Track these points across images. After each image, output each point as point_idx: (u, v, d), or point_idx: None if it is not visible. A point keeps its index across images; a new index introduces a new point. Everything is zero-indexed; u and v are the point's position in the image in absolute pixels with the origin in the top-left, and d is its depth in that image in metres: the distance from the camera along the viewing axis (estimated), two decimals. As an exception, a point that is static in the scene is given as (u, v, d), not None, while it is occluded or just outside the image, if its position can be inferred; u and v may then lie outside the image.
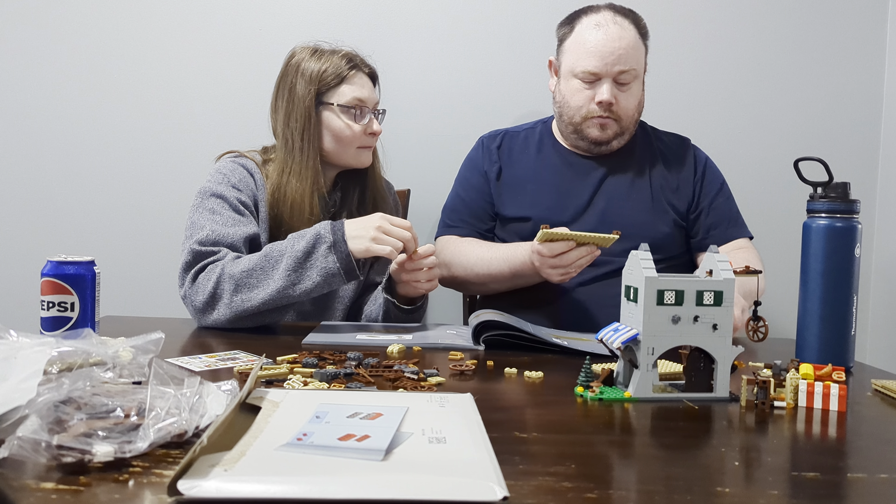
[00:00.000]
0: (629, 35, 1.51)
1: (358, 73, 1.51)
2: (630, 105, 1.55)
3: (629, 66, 1.50)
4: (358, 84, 1.50)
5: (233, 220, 1.39)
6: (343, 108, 1.48)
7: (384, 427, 0.66)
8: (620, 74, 1.50)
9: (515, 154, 1.67)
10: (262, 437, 0.63)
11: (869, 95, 2.02)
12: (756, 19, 2.02)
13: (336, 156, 1.51)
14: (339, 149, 1.50)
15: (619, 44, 1.49)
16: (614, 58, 1.49)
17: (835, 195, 1.09)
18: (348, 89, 1.49)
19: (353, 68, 1.50)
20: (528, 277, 1.47)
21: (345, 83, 1.49)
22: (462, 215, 1.66)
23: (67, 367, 0.75)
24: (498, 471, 0.57)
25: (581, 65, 1.51)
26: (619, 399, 0.87)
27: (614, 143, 1.58)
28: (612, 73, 1.50)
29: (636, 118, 1.60)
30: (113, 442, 0.60)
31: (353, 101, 1.49)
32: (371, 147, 1.54)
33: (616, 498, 0.57)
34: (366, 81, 1.52)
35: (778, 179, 2.01)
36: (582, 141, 1.59)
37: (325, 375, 0.91)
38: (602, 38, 1.50)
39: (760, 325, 1.00)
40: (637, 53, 1.53)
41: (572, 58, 1.54)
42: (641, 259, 0.89)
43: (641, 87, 1.59)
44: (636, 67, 1.52)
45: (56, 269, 1.03)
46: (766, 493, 0.59)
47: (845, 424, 0.81)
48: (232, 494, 0.52)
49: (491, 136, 1.72)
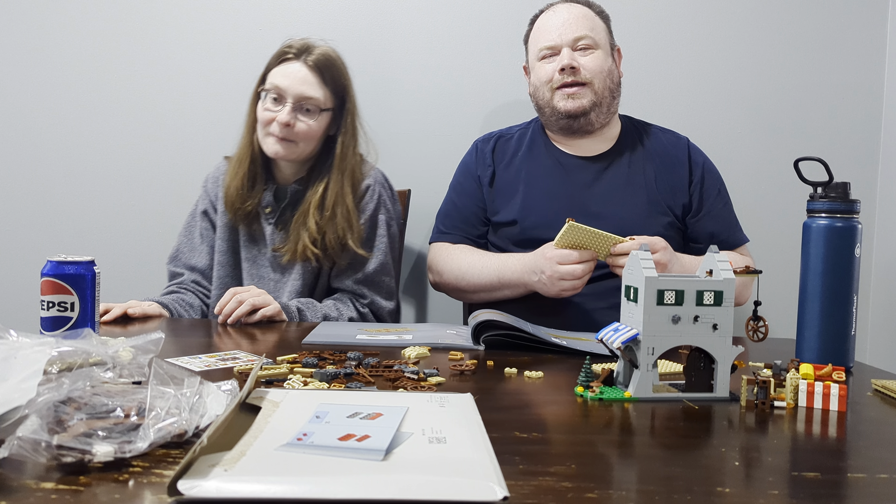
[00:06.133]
0: (579, 10, 1.58)
1: (289, 61, 1.49)
2: (595, 67, 1.55)
3: (582, 32, 1.55)
4: (282, 72, 1.49)
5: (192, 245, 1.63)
6: (262, 91, 1.51)
7: (384, 427, 0.66)
8: (577, 42, 1.55)
9: (509, 157, 1.67)
10: (262, 437, 0.63)
11: (869, 95, 2.02)
12: (756, 18, 2.02)
13: (260, 142, 1.53)
14: (259, 134, 1.53)
15: (567, 16, 1.57)
16: (565, 28, 1.55)
17: (835, 195, 1.09)
18: (273, 74, 1.50)
19: (284, 55, 1.51)
20: (516, 289, 1.48)
21: (275, 68, 1.51)
22: (455, 221, 1.66)
23: (67, 367, 0.75)
24: (498, 471, 0.57)
25: (539, 45, 1.58)
26: (619, 399, 0.87)
27: (592, 115, 1.56)
28: (567, 41, 1.55)
29: (610, 87, 1.58)
30: (113, 442, 0.60)
31: (270, 86, 1.49)
32: (278, 137, 1.48)
33: (616, 498, 0.57)
34: (293, 70, 1.49)
35: (778, 179, 2.01)
36: (560, 122, 1.57)
37: (325, 375, 0.91)
38: (552, 16, 1.59)
39: (760, 324, 1.00)
40: (592, 24, 1.58)
41: (534, 47, 1.61)
42: (642, 259, 0.89)
43: (610, 60, 1.59)
44: (592, 35, 1.56)
45: (56, 269, 1.03)
46: (766, 493, 0.59)
47: (845, 424, 0.81)
48: (232, 494, 0.52)
49: (485, 139, 1.72)
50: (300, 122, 1.49)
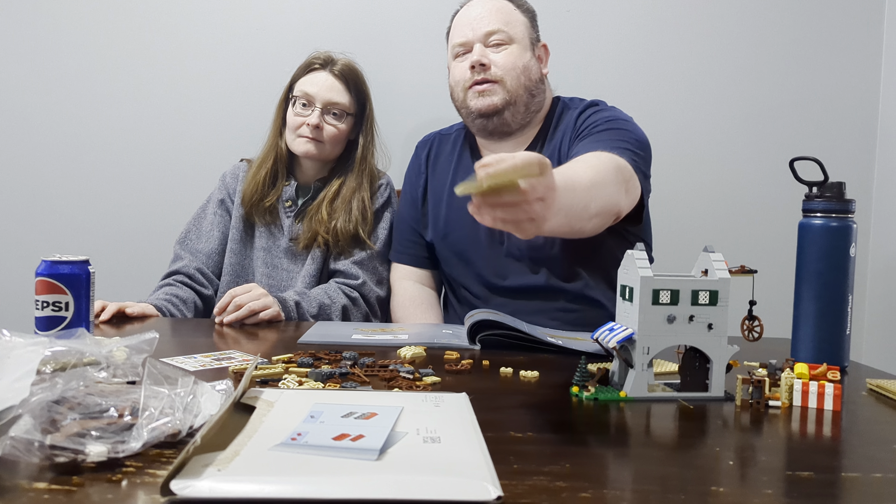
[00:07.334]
0: (495, 4, 1.50)
1: (316, 71, 1.65)
2: (507, 64, 1.45)
3: (495, 27, 1.47)
4: (310, 80, 1.65)
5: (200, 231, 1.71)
6: (292, 98, 1.66)
7: (379, 427, 0.66)
8: (489, 37, 1.48)
9: (441, 162, 1.63)
10: (257, 437, 0.63)
11: (865, 94, 2.03)
12: (752, 18, 2.02)
13: (289, 143, 1.67)
14: (289, 136, 1.67)
15: (480, 11, 1.50)
16: (477, 22, 1.49)
17: (830, 195, 1.10)
18: (301, 83, 1.66)
19: (311, 66, 1.67)
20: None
21: (302, 78, 1.66)
22: (399, 242, 1.66)
23: (61, 367, 0.75)
24: (492, 470, 0.57)
25: (453, 43, 1.54)
26: (614, 399, 0.87)
27: (507, 114, 1.47)
28: (478, 37, 1.48)
29: (526, 85, 1.48)
30: (106, 442, 0.59)
31: (299, 93, 1.64)
32: (309, 138, 1.63)
33: (610, 497, 0.57)
34: (321, 79, 1.64)
35: (774, 179, 2.01)
36: (476, 122, 1.50)
37: (320, 375, 0.91)
38: (465, 12, 1.53)
39: (755, 324, 1.00)
40: (507, 17, 1.49)
41: (449, 45, 1.56)
42: (637, 259, 0.89)
43: (528, 55, 1.49)
44: (505, 29, 1.47)
45: (50, 269, 1.03)
46: (760, 493, 0.59)
47: (840, 424, 0.81)
48: (225, 494, 0.52)
49: (423, 141, 1.70)
50: (328, 125, 1.64)
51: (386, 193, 1.72)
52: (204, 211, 1.73)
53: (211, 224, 1.70)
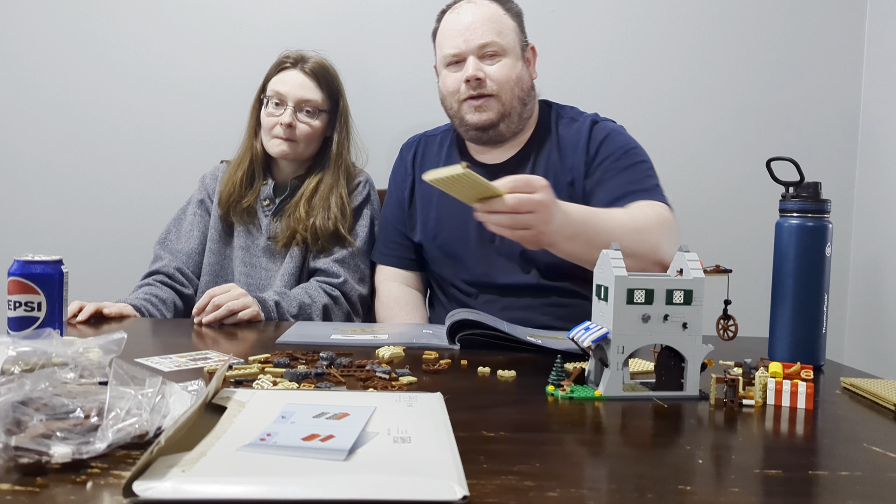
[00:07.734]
0: (486, 11, 1.47)
1: (287, 70, 1.64)
2: (502, 77, 1.44)
3: (488, 38, 1.44)
4: (281, 79, 1.64)
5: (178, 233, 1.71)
6: (265, 98, 1.65)
7: (349, 427, 0.66)
8: (482, 49, 1.45)
9: (428, 163, 1.61)
10: (225, 438, 0.62)
11: (847, 95, 2.04)
12: (733, 19, 2.03)
13: (265, 144, 1.66)
14: (264, 137, 1.66)
15: (472, 19, 1.46)
16: (470, 33, 1.45)
17: (806, 195, 1.10)
18: (273, 82, 1.65)
19: (282, 65, 1.66)
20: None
21: (274, 77, 1.65)
22: (384, 244, 1.65)
23: (30, 368, 0.74)
24: (460, 470, 0.57)
25: (444, 51, 1.50)
26: (589, 398, 0.88)
27: (502, 126, 1.47)
28: (472, 49, 1.45)
29: (520, 96, 1.47)
30: (71, 443, 0.59)
31: (271, 93, 1.64)
32: (283, 139, 1.62)
33: (576, 496, 0.57)
34: (292, 77, 1.63)
35: (752, 179, 2.02)
36: (470, 133, 1.50)
37: (295, 375, 0.91)
38: (456, 18, 1.49)
39: (730, 323, 1.01)
40: (499, 27, 1.46)
41: (440, 51, 1.52)
42: (612, 258, 0.89)
43: (522, 64, 1.49)
44: (498, 40, 1.45)
45: (23, 269, 1.02)
46: (726, 492, 0.59)
47: (812, 422, 0.82)
48: (188, 495, 0.52)
49: (409, 143, 1.69)
50: (301, 123, 1.62)
51: (365, 191, 1.71)
52: (184, 212, 1.72)
53: (191, 224, 1.69)
